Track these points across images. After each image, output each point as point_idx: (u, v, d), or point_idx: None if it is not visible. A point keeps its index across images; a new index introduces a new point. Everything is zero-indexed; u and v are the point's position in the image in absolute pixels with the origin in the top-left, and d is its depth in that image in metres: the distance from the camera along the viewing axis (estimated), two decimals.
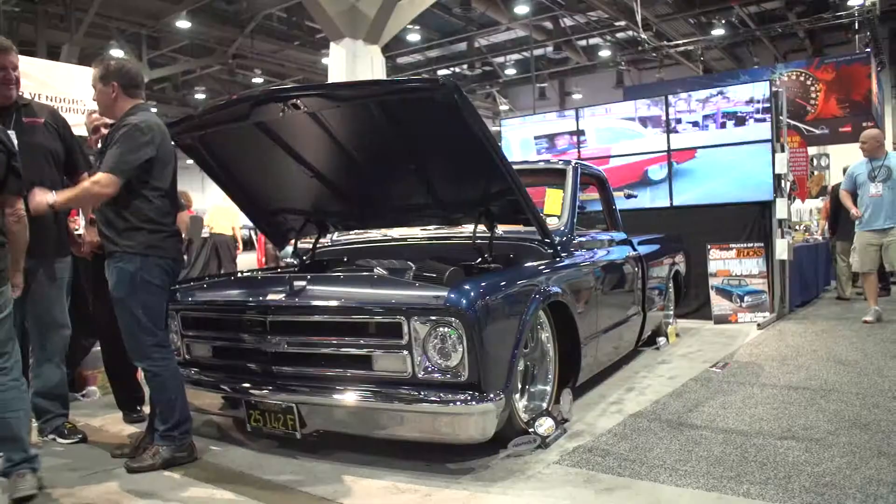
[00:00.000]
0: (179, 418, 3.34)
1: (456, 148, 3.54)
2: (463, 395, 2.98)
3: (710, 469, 3.00)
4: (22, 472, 2.95)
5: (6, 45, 3.57)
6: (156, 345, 3.31)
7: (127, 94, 3.40)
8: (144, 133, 3.25)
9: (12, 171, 2.94)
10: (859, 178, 6.94)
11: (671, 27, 18.33)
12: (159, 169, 3.33)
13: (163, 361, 3.32)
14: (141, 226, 3.27)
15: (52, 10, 15.63)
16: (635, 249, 5.26)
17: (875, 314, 6.74)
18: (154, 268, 3.28)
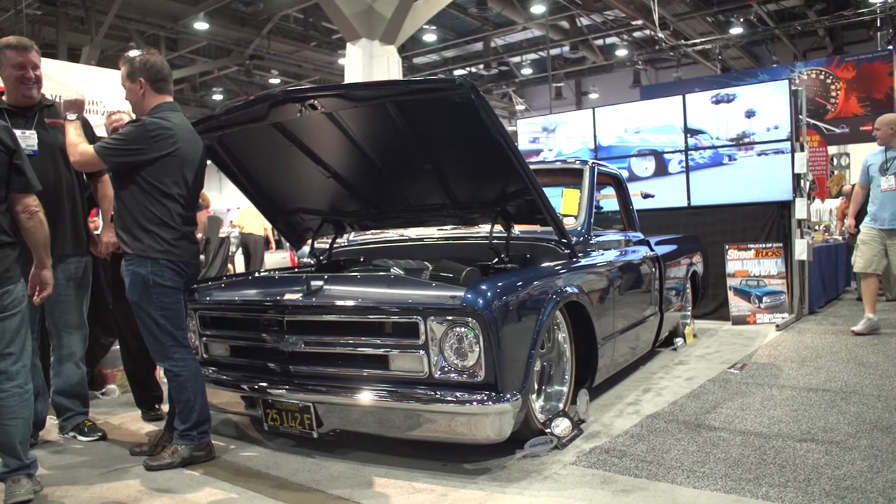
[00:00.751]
0: (198, 419, 3.36)
1: (473, 148, 3.54)
2: (479, 395, 2.98)
3: (729, 471, 2.98)
4: (17, 477, 2.94)
5: (26, 44, 3.58)
6: (175, 345, 3.33)
7: (154, 88, 3.40)
8: (148, 131, 3.25)
9: (15, 170, 2.92)
10: (871, 169, 6.17)
11: (689, 26, 18.22)
12: (172, 171, 3.32)
13: (183, 362, 3.33)
14: (151, 228, 3.28)
15: (72, 12, 15.83)
16: (652, 250, 5.23)
17: (868, 325, 6.00)
18: (166, 270, 3.28)
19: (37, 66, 3.62)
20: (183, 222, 3.38)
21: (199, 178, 3.51)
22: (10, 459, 2.94)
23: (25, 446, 2.98)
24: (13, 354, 2.91)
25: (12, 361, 2.91)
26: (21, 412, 2.92)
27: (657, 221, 7.03)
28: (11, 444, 2.92)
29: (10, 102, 3.62)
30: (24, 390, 2.94)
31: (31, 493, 2.94)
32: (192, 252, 3.44)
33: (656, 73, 23.10)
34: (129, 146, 3.25)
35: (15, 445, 2.92)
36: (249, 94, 21.01)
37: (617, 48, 21.31)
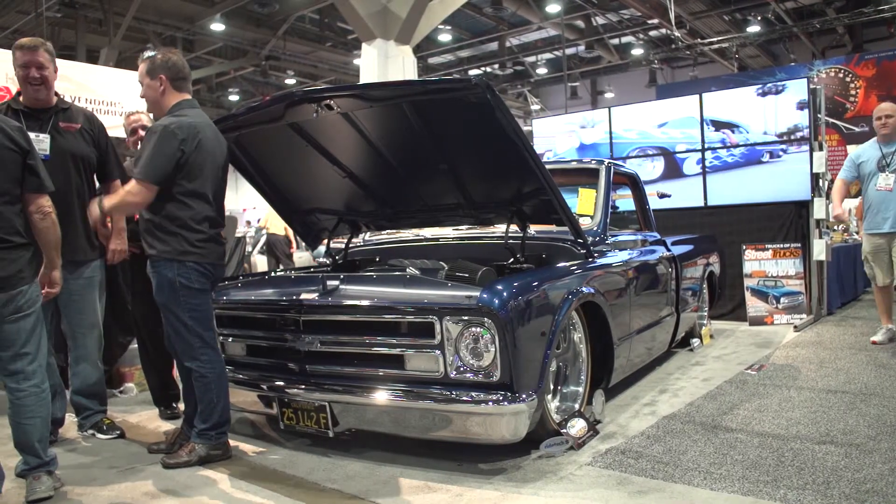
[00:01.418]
0: (219, 420, 3.37)
1: (488, 147, 3.54)
2: (495, 395, 2.97)
3: (746, 473, 2.95)
4: (37, 474, 2.98)
5: (32, 44, 3.60)
6: (203, 346, 3.33)
7: (174, 86, 3.40)
8: (176, 135, 3.22)
9: (29, 170, 2.94)
10: (865, 165, 5.58)
11: (705, 24, 18.07)
12: (196, 170, 3.29)
13: (210, 364, 3.34)
14: (176, 230, 3.26)
15: (91, 15, 15.98)
16: (669, 250, 5.20)
17: (888, 334, 5.62)
18: (192, 273, 3.27)
19: (42, 65, 3.59)
20: (210, 225, 3.36)
21: (224, 178, 3.50)
22: (30, 457, 2.97)
23: (45, 444, 3.01)
24: (29, 354, 2.93)
25: (28, 361, 2.93)
26: (39, 411, 2.95)
27: (673, 221, 6.99)
28: (30, 442, 2.95)
29: (26, 104, 3.66)
30: (41, 389, 2.97)
31: (51, 489, 2.97)
32: (218, 254, 3.42)
33: (672, 73, 22.95)
34: (167, 154, 3.20)
35: (34, 444, 2.95)
36: (265, 94, 21.11)
37: (633, 47, 21.19)
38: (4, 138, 2.86)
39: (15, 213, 2.91)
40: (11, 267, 2.84)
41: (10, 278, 2.84)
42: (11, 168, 2.88)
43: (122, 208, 3.39)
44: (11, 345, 2.89)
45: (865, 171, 5.57)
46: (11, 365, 2.91)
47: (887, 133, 5.50)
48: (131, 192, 3.22)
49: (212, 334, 3.38)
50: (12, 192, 2.89)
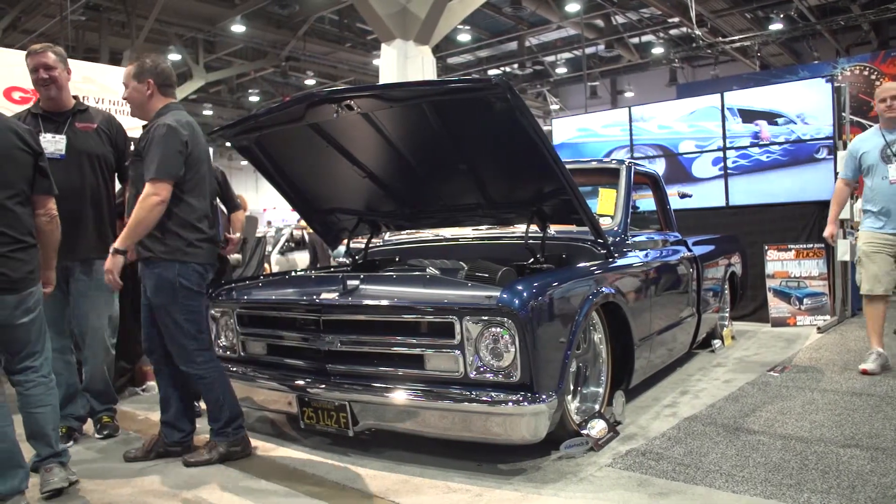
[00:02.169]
0: (230, 415, 3.38)
1: (508, 147, 3.54)
2: (515, 395, 2.97)
3: (769, 476, 2.92)
4: (49, 466, 3.00)
5: (39, 48, 3.71)
6: (198, 349, 3.32)
7: (161, 92, 3.40)
8: (180, 132, 3.22)
9: (40, 172, 2.98)
10: (867, 157, 4.75)
11: (726, 23, 17.92)
12: (194, 169, 3.29)
13: (207, 364, 3.34)
14: (175, 230, 3.23)
15: (114, 17, 16.20)
16: (690, 250, 5.16)
17: (878, 360, 4.68)
18: (192, 273, 3.26)
19: (50, 66, 3.67)
20: (208, 224, 3.36)
21: (212, 178, 3.50)
22: (43, 447, 3.01)
23: (56, 434, 3.05)
24: (38, 352, 3.01)
25: (36, 358, 3.01)
26: (48, 399, 3.00)
27: (695, 221, 6.94)
28: (43, 431, 2.99)
29: (43, 108, 3.77)
30: (49, 379, 3.04)
31: (65, 480, 3.00)
32: (213, 255, 3.41)
33: (693, 71, 22.79)
34: (178, 151, 3.20)
35: (47, 433, 3.00)
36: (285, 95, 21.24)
37: (653, 46, 21.06)
38: (18, 140, 2.91)
39: (28, 213, 2.95)
40: (25, 268, 2.88)
41: (24, 279, 2.88)
42: (25, 169, 2.93)
43: (145, 220, 3.14)
44: (24, 346, 2.94)
45: (867, 162, 4.74)
46: (22, 362, 2.95)
47: (894, 117, 4.67)
48: (148, 194, 3.12)
49: (205, 336, 3.38)
50: (25, 193, 2.93)
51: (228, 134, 4.18)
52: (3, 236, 2.82)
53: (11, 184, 2.86)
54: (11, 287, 2.83)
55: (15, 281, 2.83)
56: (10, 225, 2.84)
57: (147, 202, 3.13)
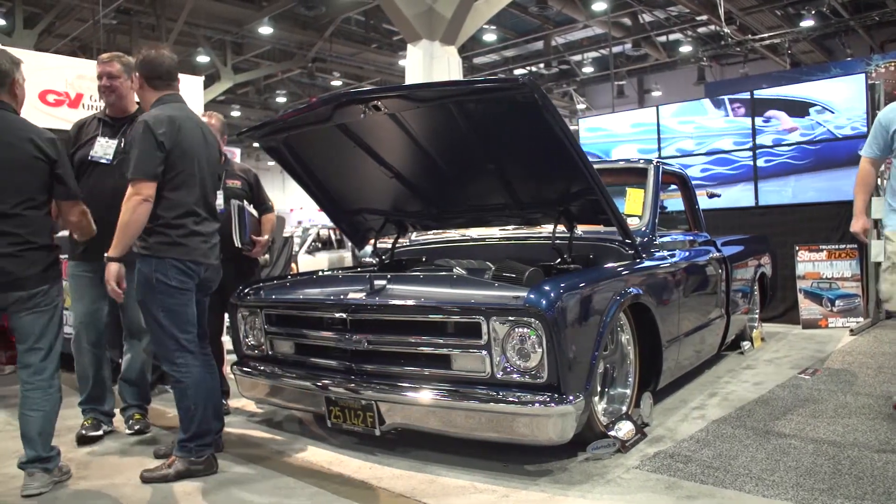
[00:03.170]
0: (197, 430, 3.20)
1: (535, 147, 3.53)
2: (542, 396, 2.96)
3: (800, 480, 2.88)
4: (32, 470, 3.05)
5: (107, 58, 3.88)
6: (179, 350, 3.19)
7: (151, 85, 3.33)
8: (152, 128, 3.13)
9: (57, 179, 3.10)
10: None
11: (756, 20, 17.67)
12: (174, 164, 3.18)
13: (185, 368, 3.20)
14: (152, 226, 3.16)
15: (144, 20, 16.45)
16: (719, 250, 5.10)
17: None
18: (170, 269, 3.15)
19: (113, 75, 3.82)
20: (194, 220, 3.24)
21: (213, 173, 3.41)
22: (29, 450, 3.06)
23: (45, 439, 3.08)
24: (41, 350, 3.08)
25: (40, 357, 3.08)
26: (42, 405, 3.06)
27: (724, 221, 6.86)
28: (30, 434, 3.05)
29: (107, 113, 3.95)
30: (49, 385, 3.09)
31: (45, 486, 3.05)
32: (202, 251, 3.26)
33: (721, 70, 22.50)
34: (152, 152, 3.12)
35: (33, 437, 3.05)
36: (312, 96, 21.39)
37: (681, 45, 20.84)
38: (34, 149, 3.03)
39: (40, 217, 3.07)
40: (33, 268, 3.02)
41: (32, 277, 3.02)
42: (40, 176, 3.06)
43: (132, 224, 3.10)
44: (26, 338, 3.07)
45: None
46: (25, 358, 3.08)
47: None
48: (131, 194, 3.09)
49: (189, 337, 3.24)
50: (38, 198, 3.07)
51: (257, 135, 4.22)
52: (12, 237, 2.98)
53: (26, 191, 3.02)
54: (19, 284, 2.99)
55: (22, 278, 2.99)
56: (20, 226, 3.00)
57: (129, 203, 3.08)
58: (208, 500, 2.96)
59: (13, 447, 3.68)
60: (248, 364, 3.94)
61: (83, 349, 3.83)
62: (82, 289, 3.85)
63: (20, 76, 3.18)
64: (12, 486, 3.15)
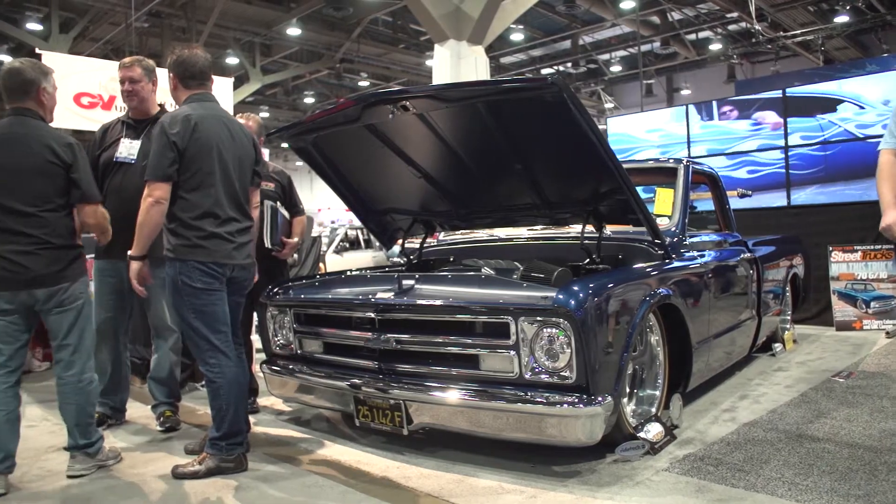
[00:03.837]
0: (229, 430, 3.23)
1: (564, 146, 3.51)
2: (570, 397, 2.94)
3: (835, 486, 2.83)
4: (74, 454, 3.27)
5: (128, 62, 3.98)
6: (211, 350, 3.22)
7: (184, 85, 3.38)
8: (166, 129, 3.16)
9: (72, 183, 3.21)
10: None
11: (788, 16, 17.36)
12: (191, 164, 3.19)
13: (218, 368, 3.22)
14: (174, 228, 3.21)
15: (175, 23, 16.68)
16: (750, 251, 5.03)
17: None
18: (193, 271, 3.16)
19: (135, 80, 3.94)
20: (214, 221, 3.22)
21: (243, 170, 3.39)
22: (69, 438, 3.28)
23: (83, 429, 3.27)
24: (69, 346, 3.23)
25: (69, 352, 3.23)
26: (75, 399, 3.23)
27: (755, 222, 6.76)
28: (68, 425, 3.26)
29: (130, 116, 4.06)
30: (80, 380, 3.25)
31: (87, 469, 3.27)
32: (224, 252, 3.24)
33: (752, 68, 22.17)
34: (164, 152, 3.16)
35: (71, 427, 3.26)
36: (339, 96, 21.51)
37: (710, 42, 20.55)
38: (51, 154, 3.16)
39: (58, 218, 3.19)
40: (53, 266, 3.15)
41: (51, 275, 3.15)
42: (57, 180, 3.18)
43: (149, 223, 3.18)
44: (55, 336, 3.23)
45: None
46: (56, 353, 3.25)
47: None
48: (146, 196, 3.15)
49: (222, 337, 3.26)
50: (57, 201, 3.19)
51: (286, 135, 4.26)
52: (31, 237, 3.12)
53: (43, 194, 3.15)
54: (38, 281, 3.12)
55: (40, 276, 3.12)
56: (37, 227, 3.14)
57: (144, 204, 3.16)
58: (238, 498, 2.99)
59: (48, 441, 3.77)
60: (277, 363, 3.98)
61: (102, 345, 3.92)
62: (105, 287, 3.96)
63: (49, 85, 3.29)
64: (50, 480, 3.23)
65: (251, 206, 3.50)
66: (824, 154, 7.05)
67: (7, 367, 3.14)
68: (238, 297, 3.45)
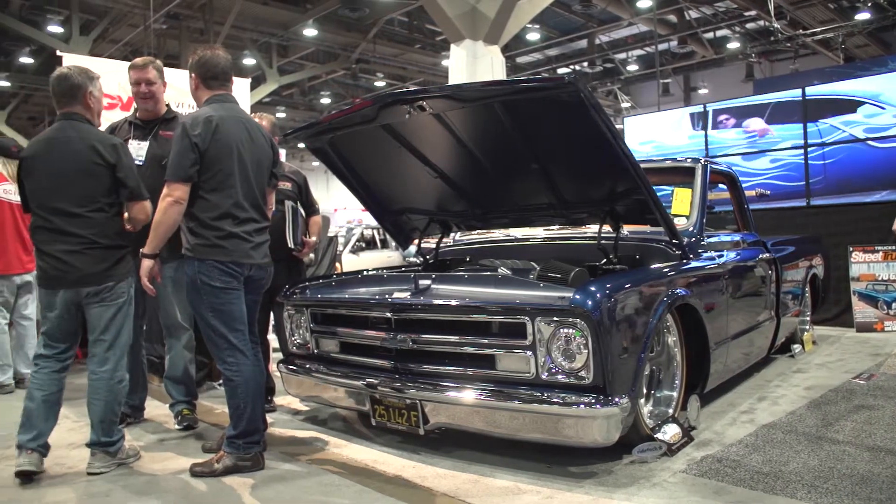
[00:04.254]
0: (246, 428, 3.24)
1: (581, 146, 3.50)
2: (587, 397, 2.93)
3: (856, 489, 2.79)
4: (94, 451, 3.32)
5: (142, 63, 4.01)
6: (229, 348, 3.24)
7: (206, 85, 3.39)
8: (187, 130, 3.17)
9: (118, 183, 3.30)
10: None
11: (807, 14, 17.18)
12: (211, 165, 3.20)
13: (236, 366, 3.24)
14: (193, 228, 3.23)
15: (193, 25, 16.83)
16: (768, 251, 4.99)
17: None
18: (212, 270, 3.18)
19: (150, 81, 3.96)
20: (233, 221, 3.23)
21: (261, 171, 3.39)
22: (92, 433, 3.32)
23: (106, 426, 3.30)
24: (105, 341, 3.30)
25: (104, 348, 3.30)
26: (103, 395, 3.28)
27: (774, 221, 6.70)
28: (93, 420, 3.30)
29: (139, 116, 4.07)
30: (112, 377, 3.30)
31: (107, 467, 3.30)
32: (242, 252, 3.25)
33: (771, 66, 21.97)
34: (186, 153, 3.16)
35: (95, 423, 3.30)
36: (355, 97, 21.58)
37: (728, 41, 20.37)
38: (95, 155, 3.25)
39: (106, 218, 3.29)
40: (100, 265, 3.25)
41: (98, 274, 3.25)
42: (102, 180, 3.27)
43: (165, 223, 3.20)
44: (93, 329, 3.31)
45: None
46: (92, 348, 3.32)
47: None
48: (164, 195, 3.17)
49: (239, 335, 3.27)
50: (103, 202, 3.28)
51: (303, 136, 4.28)
52: (78, 237, 3.22)
53: (91, 195, 3.25)
54: (86, 280, 3.22)
55: (88, 274, 3.22)
56: (85, 227, 3.23)
57: (162, 204, 3.17)
58: (255, 496, 3.01)
59: (69, 438, 3.82)
60: (294, 362, 4.00)
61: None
62: None
63: (95, 89, 3.41)
64: (70, 476, 3.27)
65: (267, 207, 3.51)
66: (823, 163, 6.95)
67: (56, 358, 3.30)
68: (255, 296, 3.47)
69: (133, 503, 2.98)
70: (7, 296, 5.16)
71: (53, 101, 3.37)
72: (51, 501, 3.00)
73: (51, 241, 3.22)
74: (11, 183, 5.05)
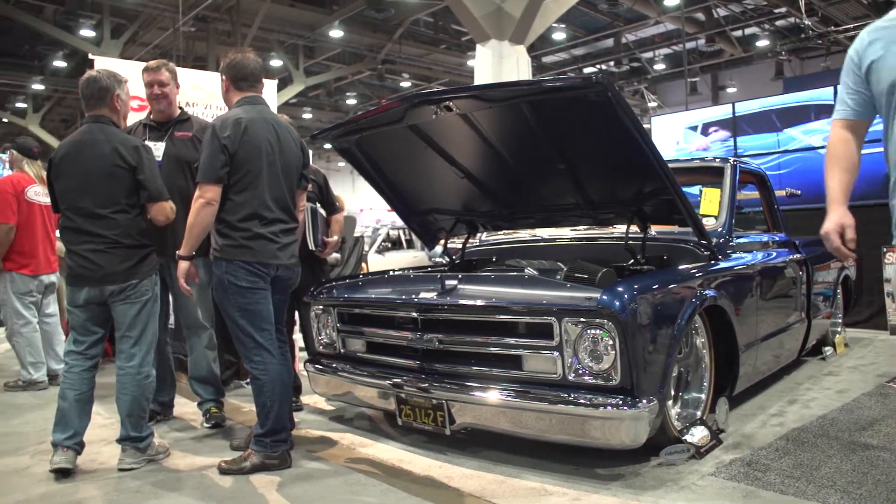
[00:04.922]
0: (273, 426, 3.27)
1: (608, 146, 3.48)
2: (615, 399, 2.91)
3: (891, 495, 2.74)
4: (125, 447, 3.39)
5: (154, 66, 4.09)
6: (256, 347, 3.27)
7: (236, 87, 3.44)
8: (217, 131, 3.22)
9: (139, 184, 3.37)
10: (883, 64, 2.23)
11: (839, 10, 16.89)
12: (240, 166, 3.24)
13: (263, 365, 3.27)
14: (221, 229, 3.26)
15: (220, 27, 17.04)
16: (799, 252, 4.91)
17: None
18: (239, 270, 3.22)
19: (164, 83, 4.03)
20: (260, 222, 3.26)
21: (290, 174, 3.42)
22: (122, 429, 3.39)
23: (135, 421, 3.37)
24: (130, 338, 3.38)
25: (130, 344, 3.38)
26: (130, 390, 3.36)
27: (805, 222, 6.57)
28: (121, 415, 3.38)
29: (153, 118, 4.13)
30: (138, 373, 3.38)
31: (137, 462, 3.37)
32: (269, 252, 3.28)
33: (801, 64, 21.62)
34: (216, 155, 3.20)
35: (123, 418, 3.37)
36: (381, 97, 21.68)
37: (757, 39, 20.10)
38: (118, 158, 3.33)
39: (129, 219, 3.37)
40: (124, 264, 3.33)
41: (121, 273, 3.33)
42: (124, 182, 3.35)
43: (199, 224, 3.24)
44: (119, 326, 3.39)
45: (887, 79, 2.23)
46: (119, 344, 3.41)
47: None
48: (196, 197, 3.22)
49: (266, 335, 3.31)
50: (125, 203, 3.36)
51: (330, 136, 4.30)
52: (102, 237, 3.31)
53: (114, 196, 3.33)
54: (110, 279, 3.31)
55: (112, 273, 3.31)
56: (109, 228, 3.31)
57: (194, 206, 3.23)
58: (282, 494, 3.03)
59: (100, 435, 3.88)
60: (321, 361, 4.03)
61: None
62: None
63: (122, 92, 3.49)
64: (101, 472, 3.33)
65: (297, 209, 3.54)
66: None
67: (84, 356, 3.38)
68: (283, 295, 3.50)
69: (161, 499, 3.02)
70: (37, 295, 5.28)
71: (82, 103, 3.46)
72: (82, 497, 3.05)
73: (78, 241, 3.33)
74: (38, 184, 5.16)
